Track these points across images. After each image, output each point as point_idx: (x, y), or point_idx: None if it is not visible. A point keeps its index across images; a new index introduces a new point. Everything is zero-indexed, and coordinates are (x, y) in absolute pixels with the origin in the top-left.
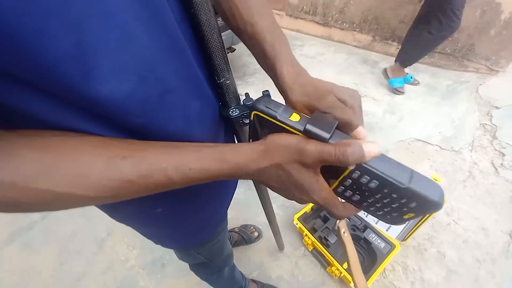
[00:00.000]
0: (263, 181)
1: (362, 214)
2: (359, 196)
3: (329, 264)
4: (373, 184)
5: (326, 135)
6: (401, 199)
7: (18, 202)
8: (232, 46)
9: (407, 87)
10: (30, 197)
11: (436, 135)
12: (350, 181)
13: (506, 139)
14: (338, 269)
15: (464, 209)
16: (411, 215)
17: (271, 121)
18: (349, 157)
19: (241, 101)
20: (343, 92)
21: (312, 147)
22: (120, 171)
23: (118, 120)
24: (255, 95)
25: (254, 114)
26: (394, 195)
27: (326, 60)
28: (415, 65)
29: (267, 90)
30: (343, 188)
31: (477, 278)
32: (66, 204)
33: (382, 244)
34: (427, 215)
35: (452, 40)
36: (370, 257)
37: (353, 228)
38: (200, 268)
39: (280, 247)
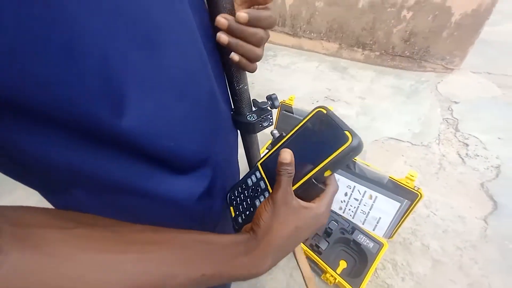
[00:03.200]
0: None
1: (348, 216)
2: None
3: (323, 272)
4: None
5: None
6: None
7: None
8: None
9: (376, 89)
10: None
11: (407, 132)
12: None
13: (467, 131)
14: (332, 276)
15: (440, 200)
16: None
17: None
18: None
19: (252, 107)
20: None
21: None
22: (118, 278)
23: (144, 148)
24: None
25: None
26: None
27: (299, 69)
28: (381, 68)
29: (275, 94)
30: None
31: (461, 266)
32: None
33: (371, 244)
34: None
35: (410, 43)
36: (361, 258)
37: (341, 231)
38: None
39: None
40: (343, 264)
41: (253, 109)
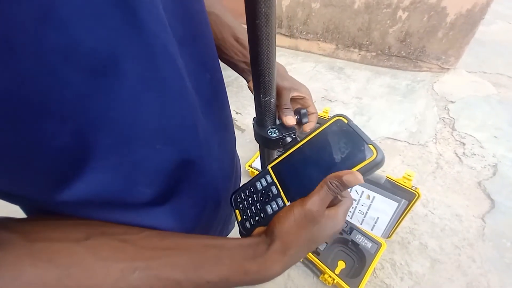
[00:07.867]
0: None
1: (347, 217)
2: None
3: (322, 272)
4: None
5: None
6: None
7: None
8: None
9: (373, 89)
10: None
11: (403, 132)
12: None
13: (464, 130)
14: (330, 276)
15: (437, 199)
16: None
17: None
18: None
19: (277, 120)
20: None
21: (312, 206)
22: (130, 285)
23: (120, 195)
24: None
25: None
26: None
27: (296, 70)
28: (377, 68)
29: (305, 109)
30: None
31: (459, 264)
32: None
33: (369, 244)
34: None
35: (406, 44)
36: (360, 259)
37: (340, 231)
38: None
39: None
40: (341, 265)
41: (277, 122)
